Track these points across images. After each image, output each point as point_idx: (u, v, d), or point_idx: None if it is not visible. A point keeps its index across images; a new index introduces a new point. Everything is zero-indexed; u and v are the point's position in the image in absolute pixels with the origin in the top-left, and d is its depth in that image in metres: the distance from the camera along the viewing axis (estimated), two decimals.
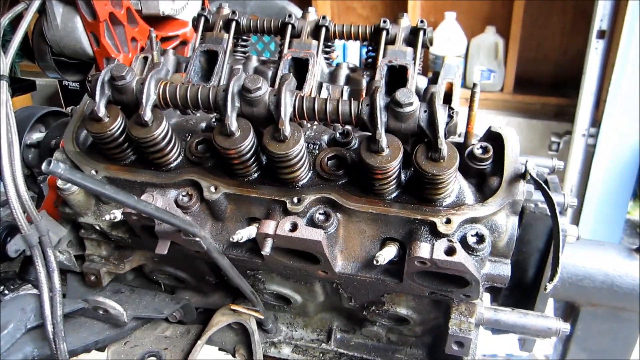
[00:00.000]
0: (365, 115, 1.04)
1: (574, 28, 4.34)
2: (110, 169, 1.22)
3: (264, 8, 3.29)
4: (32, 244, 1.23)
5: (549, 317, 1.27)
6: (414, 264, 1.04)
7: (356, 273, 1.15)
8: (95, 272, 1.40)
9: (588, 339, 1.61)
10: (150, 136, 1.12)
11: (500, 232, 1.10)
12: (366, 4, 4.93)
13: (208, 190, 1.16)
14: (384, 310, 1.28)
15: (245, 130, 1.08)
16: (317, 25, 1.35)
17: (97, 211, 1.28)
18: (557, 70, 4.56)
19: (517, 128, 4.29)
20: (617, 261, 1.48)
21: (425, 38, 1.30)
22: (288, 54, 1.32)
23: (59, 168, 0.77)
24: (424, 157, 1.02)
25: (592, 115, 3.69)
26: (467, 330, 1.18)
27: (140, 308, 1.45)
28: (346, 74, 1.44)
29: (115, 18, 1.67)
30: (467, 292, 1.11)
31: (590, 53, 3.53)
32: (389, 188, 1.09)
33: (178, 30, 1.94)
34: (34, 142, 1.65)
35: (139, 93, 1.11)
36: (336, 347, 1.46)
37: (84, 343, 1.39)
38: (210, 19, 1.40)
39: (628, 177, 3.53)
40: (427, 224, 1.07)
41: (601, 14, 3.42)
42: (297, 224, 1.06)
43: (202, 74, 1.38)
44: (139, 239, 1.25)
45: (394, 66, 1.26)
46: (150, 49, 1.33)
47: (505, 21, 4.38)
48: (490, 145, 1.13)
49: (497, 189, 1.10)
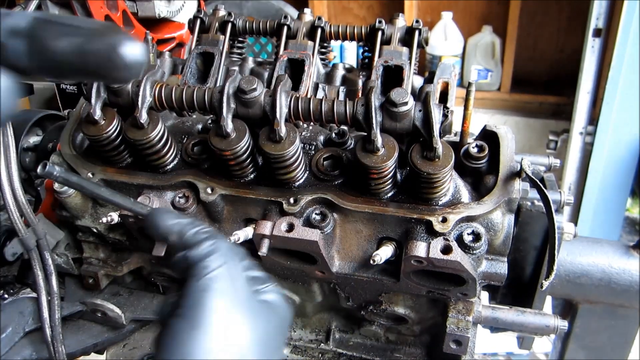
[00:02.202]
0: (361, 115, 1.04)
1: (570, 26, 4.35)
2: (106, 172, 1.22)
3: (261, 9, 3.30)
4: (30, 247, 1.23)
5: (546, 315, 1.27)
6: (410, 263, 1.04)
7: (353, 273, 1.15)
8: (93, 275, 1.40)
9: (586, 336, 1.61)
10: (146, 138, 1.12)
11: (496, 230, 1.10)
12: (363, 5, 4.94)
13: (204, 192, 1.16)
14: (382, 310, 1.29)
15: (241, 131, 1.08)
16: (312, 26, 1.35)
17: (94, 214, 1.28)
18: (554, 69, 4.57)
19: (515, 127, 4.30)
20: (614, 258, 1.49)
21: (421, 38, 1.31)
22: (284, 55, 1.32)
23: (55, 171, 0.77)
24: (420, 156, 1.02)
25: (589, 113, 3.70)
26: (465, 329, 1.18)
27: (138, 310, 1.45)
28: (342, 75, 1.45)
29: (111, 20, 1.67)
30: (464, 291, 1.11)
31: (586, 51, 3.54)
32: (384, 188, 1.09)
33: (174, 32, 1.95)
34: (31, 145, 1.65)
35: (134, 95, 1.11)
36: (335, 347, 1.46)
37: (83, 346, 1.39)
38: (206, 21, 1.40)
39: (626, 175, 3.54)
40: (423, 223, 1.08)
41: (597, 12, 3.43)
42: (294, 225, 1.06)
43: (199, 75, 1.38)
44: (137, 241, 1.25)
45: (390, 66, 1.26)
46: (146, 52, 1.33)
47: (501, 20, 4.39)
48: (485, 144, 1.13)
49: (492, 188, 1.10)
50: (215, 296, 0.74)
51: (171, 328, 0.73)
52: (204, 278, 0.75)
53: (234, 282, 0.78)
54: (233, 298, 0.76)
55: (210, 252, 0.79)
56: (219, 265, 0.77)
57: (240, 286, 0.78)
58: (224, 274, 0.77)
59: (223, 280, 0.76)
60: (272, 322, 0.81)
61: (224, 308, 0.74)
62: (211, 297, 0.74)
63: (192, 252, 0.80)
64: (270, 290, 0.85)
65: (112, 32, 0.54)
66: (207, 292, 0.74)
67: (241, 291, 0.78)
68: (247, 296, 0.79)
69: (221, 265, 0.78)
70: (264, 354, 0.77)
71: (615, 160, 3.48)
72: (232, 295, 0.76)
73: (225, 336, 0.73)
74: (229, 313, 0.75)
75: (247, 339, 0.75)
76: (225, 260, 0.79)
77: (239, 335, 0.75)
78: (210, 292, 0.74)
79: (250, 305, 0.79)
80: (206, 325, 0.72)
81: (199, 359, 0.70)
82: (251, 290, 0.81)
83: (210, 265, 0.77)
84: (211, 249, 0.79)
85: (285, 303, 0.86)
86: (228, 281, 0.77)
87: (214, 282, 0.75)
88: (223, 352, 0.72)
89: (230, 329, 0.74)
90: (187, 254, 0.80)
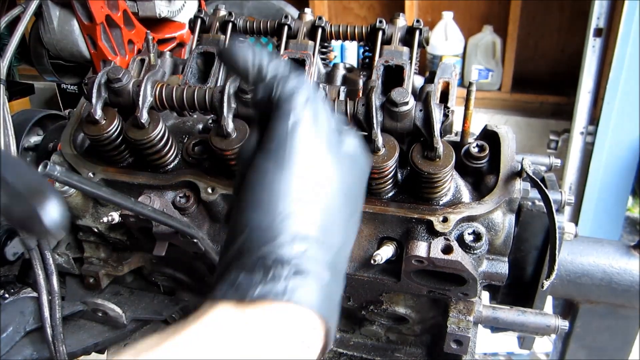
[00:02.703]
0: (361, 115, 1.04)
1: (571, 26, 4.35)
2: (107, 171, 1.22)
3: (261, 9, 3.30)
4: (31, 247, 1.24)
5: (547, 315, 1.27)
6: (411, 262, 1.04)
7: (354, 273, 1.15)
8: (94, 275, 1.40)
9: (587, 336, 1.61)
10: (147, 138, 1.12)
11: (497, 230, 1.10)
12: (363, 4, 4.94)
13: (205, 192, 1.16)
14: (383, 310, 1.29)
15: (242, 131, 1.08)
16: (313, 26, 1.35)
17: (95, 213, 1.28)
18: (555, 69, 4.57)
19: (516, 127, 4.30)
20: (615, 258, 1.48)
21: (422, 38, 1.31)
22: (284, 54, 1.32)
23: (55, 170, 0.77)
24: (420, 156, 1.02)
25: (590, 113, 3.69)
26: (466, 329, 1.18)
27: (139, 310, 1.45)
28: (343, 75, 1.45)
29: (111, 20, 1.67)
30: (464, 291, 1.11)
31: (587, 51, 3.54)
32: (385, 187, 1.09)
33: (175, 32, 1.95)
34: (31, 145, 1.65)
35: (135, 95, 1.11)
36: (335, 346, 1.46)
37: (83, 345, 1.39)
38: (206, 21, 1.40)
39: (627, 174, 3.53)
40: (424, 223, 1.08)
41: (598, 12, 3.42)
42: None
43: (199, 75, 1.38)
44: (137, 241, 1.25)
45: (391, 66, 1.26)
46: (147, 51, 1.33)
47: (502, 20, 4.38)
48: (486, 144, 1.13)
49: (493, 187, 1.10)
50: (304, 139, 0.70)
51: (258, 167, 0.70)
52: (291, 120, 0.71)
53: (320, 125, 0.73)
54: (320, 143, 0.72)
55: (294, 90, 0.73)
56: (305, 107, 0.72)
57: (326, 131, 0.74)
58: (310, 117, 0.72)
59: (310, 124, 0.72)
60: (355, 172, 0.78)
61: (312, 152, 0.71)
62: (299, 140, 0.70)
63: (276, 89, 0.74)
64: (353, 137, 0.80)
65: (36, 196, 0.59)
66: (294, 133, 0.70)
67: (327, 136, 0.74)
68: (333, 142, 0.75)
69: (308, 107, 0.72)
70: (347, 203, 0.75)
71: (616, 160, 3.48)
72: (319, 140, 0.72)
73: (314, 181, 0.70)
74: (317, 158, 0.71)
75: (334, 185, 0.72)
76: (311, 101, 0.73)
77: (326, 181, 0.72)
78: (298, 135, 0.70)
79: (336, 152, 0.75)
80: (295, 167, 0.69)
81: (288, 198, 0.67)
82: (336, 136, 0.76)
83: (297, 106, 0.72)
84: (296, 86, 0.73)
85: (366, 152, 0.82)
86: (315, 125, 0.72)
87: (301, 125, 0.71)
88: (313, 194, 0.69)
89: (318, 174, 0.71)
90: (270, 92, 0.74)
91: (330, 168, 0.73)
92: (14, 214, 0.59)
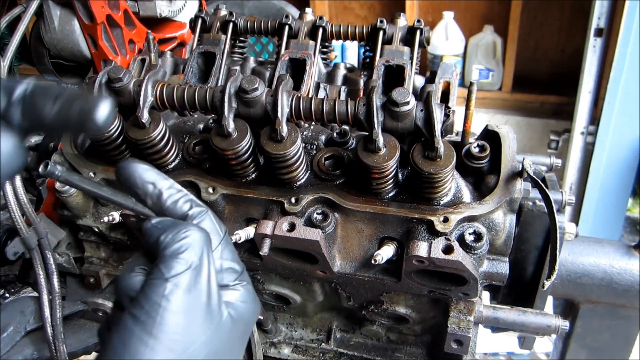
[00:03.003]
0: (362, 115, 1.04)
1: (572, 26, 4.35)
2: (108, 171, 1.22)
3: (262, 9, 3.30)
4: (31, 247, 1.24)
5: (548, 315, 1.27)
6: (411, 262, 1.04)
7: (355, 272, 1.15)
8: (95, 274, 1.41)
9: (587, 336, 1.61)
10: (148, 138, 1.12)
11: (497, 230, 1.10)
12: (364, 4, 4.94)
13: (206, 192, 1.16)
14: (383, 310, 1.29)
15: (243, 131, 1.08)
16: (314, 25, 1.35)
17: (96, 213, 1.28)
18: (555, 69, 4.57)
19: (516, 127, 4.29)
20: (615, 258, 1.49)
21: (422, 37, 1.31)
22: (285, 54, 1.32)
23: (56, 170, 0.77)
24: (421, 156, 1.02)
25: (591, 113, 3.70)
26: (466, 329, 1.18)
27: None
28: (343, 74, 1.45)
29: (112, 20, 1.67)
30: (465, 291, 1.11)
31: (588, 51, 3.54)
32: (386, 187, 1.09)
33: (175, 32, 1.94)
34: (32, 144, 1.65)
35: (136, 95, 1.11)
36: (336, 346, 1.46)
37: (84, 345, 1.39)
38: (207, 21, 1.40)
39: (627, 175, 3.53)
40: (424, 223, 1.08)
41: (598, 12, 3.43)
42: (295, 224, 1.06)
43: (200, 75, 1.38)
44: (138, 241, 1.25)
45: (391, 66, 1.26)
46: (148, 51, 1.33)
47: (503, 20, 4.39)
48: (487, 144, 1.13)
49: (494, 187, 1.10)
50: (177, 310, 0.70)
51: (125, 329, 0.69)
52: (170, 282, 0.70)
53: (199, 292, 0.72)
54: (197, 311, 0.72)
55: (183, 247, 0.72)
56: (189, 267, 0.71)
57: (204, 299, 0.73)
58: (192, 280, 0.71)
59: (187, 292, 0.71)
60: (234, 334, 0.78)
61: (184, 324, 0.70)
62: (172, 309, 0.69)
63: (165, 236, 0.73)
64: (241, 287, 0.80)
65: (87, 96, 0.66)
66: (169, 303, 0.69)
67: (205, 305, 0.73)
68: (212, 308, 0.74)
69: (192, 266, 0.72)
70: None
71: (616, 160, 3.48)
72: (195, 308, 0.72)
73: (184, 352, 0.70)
74: (190, 330, 0.71)
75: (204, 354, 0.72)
76: (198, 257, 0.73)
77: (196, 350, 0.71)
78: (171, 305, 0.69)
79: (214, 319, 0.74)
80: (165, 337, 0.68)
81: None
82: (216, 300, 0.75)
83: (179, 267, 0.71)
84: (186, 241, 0.73)
85: (253, 301, 0.82)
86: (194, 291, 0.72)
87: (180, 287, 0.70)
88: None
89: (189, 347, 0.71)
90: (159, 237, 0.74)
91: (202, 337, 0.72)
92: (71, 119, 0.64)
